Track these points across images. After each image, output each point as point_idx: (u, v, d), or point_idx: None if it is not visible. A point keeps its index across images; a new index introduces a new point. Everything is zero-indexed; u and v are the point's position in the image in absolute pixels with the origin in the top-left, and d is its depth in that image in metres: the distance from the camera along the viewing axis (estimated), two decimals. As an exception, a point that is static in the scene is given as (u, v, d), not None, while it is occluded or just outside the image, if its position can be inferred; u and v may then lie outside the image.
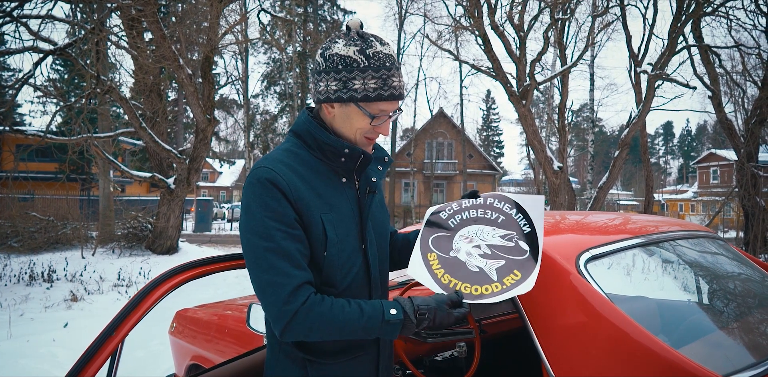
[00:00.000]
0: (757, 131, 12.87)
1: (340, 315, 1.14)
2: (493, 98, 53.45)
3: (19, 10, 8.78)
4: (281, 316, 1.12)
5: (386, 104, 1.23)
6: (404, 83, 1.29)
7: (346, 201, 1.27)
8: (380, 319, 1.15)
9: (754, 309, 1.82)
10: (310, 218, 1.19)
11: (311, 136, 1.26)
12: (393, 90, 1.22)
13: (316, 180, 1.24)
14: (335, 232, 1.22)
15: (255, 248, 1.16)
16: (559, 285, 1.33)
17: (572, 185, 14.41)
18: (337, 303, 1.16)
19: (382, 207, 1.43)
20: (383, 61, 1.21)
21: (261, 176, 1.18)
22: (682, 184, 59.17)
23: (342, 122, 1.27)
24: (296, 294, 1.13)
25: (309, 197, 1.20)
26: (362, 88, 1.20)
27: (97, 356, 1.20)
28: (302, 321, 1.12)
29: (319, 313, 1.13)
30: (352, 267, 1.25)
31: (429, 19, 16.75)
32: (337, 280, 1.23)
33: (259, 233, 1.16)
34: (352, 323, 1.14)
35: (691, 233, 1.87)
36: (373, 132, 1.28)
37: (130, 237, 11.94)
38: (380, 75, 1.20)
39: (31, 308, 6.39)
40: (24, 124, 30.98)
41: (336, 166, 1.28)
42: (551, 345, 1.26)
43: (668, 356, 1.11)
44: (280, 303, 1.12)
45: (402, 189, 32.65)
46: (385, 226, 1.40)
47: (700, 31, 13.22)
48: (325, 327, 1.14)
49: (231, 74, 27.36)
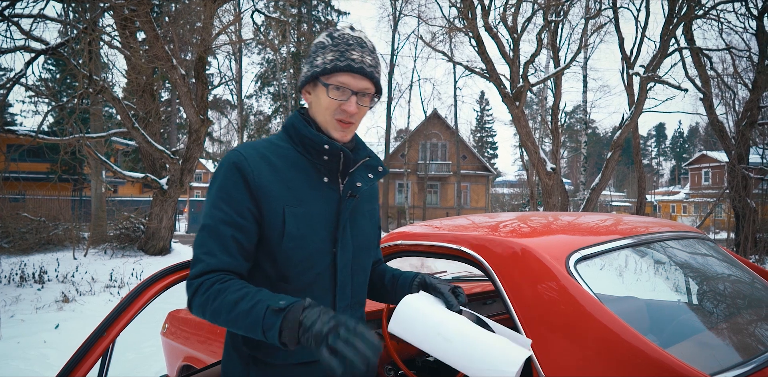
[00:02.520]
0: (747, 133, 12.98)
1: (235, 293, 1.08)
2: (487, 100, 53.57)
3: (10, 10, 8.71)
4: (188, 288, 1.14)
5: (344, 75, 1.21)
6: (371, 62, 1.24)
7: (321, 200, 1.24)
8: (266, 304, 1.04)
9: (742, 309, 1.84)
10: (270, 208, 1.18)
11: (295, 129, 1.27)
12: (351, 62, 1.20)
13: (290, 173, 1.23)
14: (297, 226, 1.19)
15: (201, 225, 1.19)
16: (548, 285, 1.34)
17: (565, 187, 14.48)
18: (241, 284, 1.11)
19: (371, 219, 1.37)
20: (346, 39, 1.23)
21: (230, 160, 1.20)
22: (674, 185, 59.52)
23: (315, 106, 1.27)
24: (210, 273, 1.13)
25: (273, 187, 1.19)
26: (321, 62, 1.22)
27: (88, 357, 1.20)
28: (201, 295, 1.11)
29: (216, 290, 1.10)
30: (313, 266, 1.21)
31: (423, 20, 16.77)
32: (292, 276, 1.20)
33: (206, 212, 1.19)
34: (242, 304, 1.06)
35: (681, 234, 1.89)
36: (340, 111, 1.23)
37: (122, 238, 11.88)
38: (338, 49, 1.21)
39: (22, 309, 6.34)
40: (15, 124, 30.71)
41: (319, 164, 1.26)
42: (541, 345, 1.27)
43: (656, 356, 1.13)
44: (192, 276, 1.14)
45: (396, 190, 32.64)
46: (368, 238, 1.34)
47: (691, 34, 13.33)
48: (217, 305, 1.08)
49: (224, 75, 27.30)
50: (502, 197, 38.44)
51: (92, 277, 8.43)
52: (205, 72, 10.84)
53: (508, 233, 1.71)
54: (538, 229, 1.82)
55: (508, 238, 1.55)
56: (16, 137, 10.22)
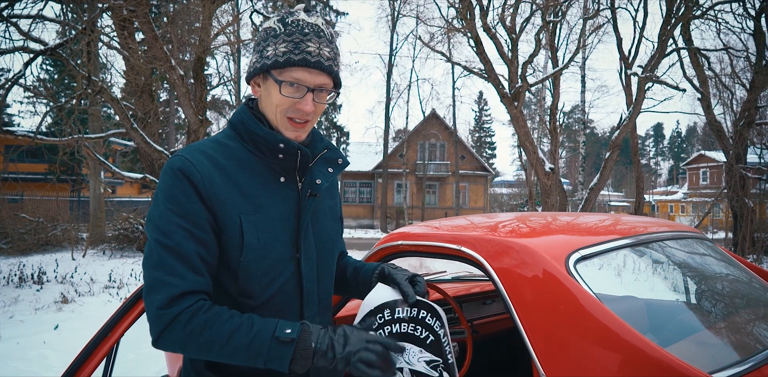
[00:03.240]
0: (745, 133, 13.02)
1: (227, 325, 0.98)
2: (486, 100, 53.59)
3: (9, 10, 8.71)
4: (158, 319, 0.98)
5: (299, 71, 1.08)
6: (329, 55, 1.11)
7: (280, 203, 1.13)
8: (270, 334, 0.97)
9: (740, 308, 1.85)
10: (226, 218, 1.06)
11: (244, 127, 1.14)
12: (306, 55, 1.07)
13: (243, 177, 1.10)
14: (257, 236, 1.07)
15: (153, 242, 1.03)
16: (549, 285, 1.35)
17: (563, 187, 14.49)
18: (227, 312, 1.01)
19: (333, 215, 1.28)
20: (301, 27, 1.09)
21: (174, 166, 1.06)
22: (672, 185, 59.65)
23: (265, 100, 1.14)
24: (184, 298, 0.99)
25: (227, 195, 1.07)
26: (273, 53, 1.09)
27: (93, 357, 1.21)
28: (181, 328, 0.97)
29: (202, 321, 0.98)
30: (276, 277, 1.10)
31: (421, 20, 16.78)
32: (256, 291, 1.09)
33: (159, 226, 1.03)
34: (239, 336, 0.97)
35: (679, 234, 1.90)
36: (294, 109, 1.11)
37: (121, 239, 11.88)
38: (292, 39, 1.08)
39: (21, 310, 6.33)
40: (13, 124, 30.69)
41: (273, 163, 1.14)
42: (542, 344, 1.28)
43: (656, 355, 1.13)
44: (161, 305, 0.98)
45: (394, 190, 32.66)
46: (331, 237, 1.24)
47: (689, 34, 13.36)
48: (206, 339, 0.97)
49: (223, 75, 27.28)
50: (500, 198, 38.51)
51: (91, 278, 8.43)
52: (203, 72, 10.84)
53: (507, 233, 1.72)
54: (537, 229, 1.84)
55: (508, 238, 1.56)
56: (15, 138, 10.20)
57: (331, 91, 1.15)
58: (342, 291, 1.39)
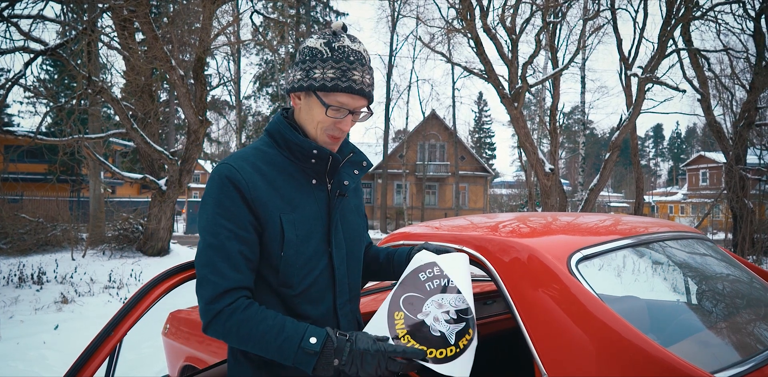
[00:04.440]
0: (745, 134, 13.03)
1: (260, 326, 1.11)
2: (485, 100, 53.61)
3: (9, 10, 8.71)
4: (205, 313, 1.13)
5: (344, 96, 1.22)
6: (369, 81, 1.26)
7: (313, 203, 1.26)
8: (297, 344, 1.09)
9: (741, 308, 1.85)
10: (268, 218, 1.18)
11: (281, 135, 1.27)
12: (352, 83, 1.21)
13: (280, 180, 1.23)
14: (295, 233, 1.21)
15: (202, 242, 1.17)
16: (551, 285, 1.35)
17: (563, 187, 14.50)
18: (261, 313, 1.13)
19: (359, 213, 1.42)
20: (347, 54, 1.21)
21: (222, 173, 1.18)
22: (672, 186, 59.63)
23: (305, 114, 1.26)
24: (225, 295, 1.12)
25: (268, 197, 1.19)
26: (321, 77, 1.21)
27: (96, 356, 1.21)
28: (222, 324, 1.11)
29: (239, 319, 1.11)
30: (312, 270, 1.24)
31: (421, 21, 16.77)
32: (295, 282, 1.22)
33: (207, 228, 1.17)
34: (269, 339, 1.11)
35: (680, 235, 1.90)
36: (334, 128, 1.25)
37: (120, 239, 11.87)
38: (340, 66, 1.20)
39: (21, 310, 6.33)
40: (13, 124, 30.69)
41: (306, 167, 1.27)
42: (544, 344, 1.28)
43: (658, 354, 1.14)
44: (206, 300, 1.12)
45: (394, 191, 32.65)
46: (358, 231, 1.38)
47: (689, 35, 13.37)
48: (242, 336, 1.11)
49: (223, 75, 27.29)
50: (500, 198, 38.50)
51: (91, 278, 8.43)
52: (203, 73, 10.84)
53: (509, 233, 1.72)
54: (538, 229, 1.84)
55: (509, 238, 1.56)
56: (15, 138, 10.21)
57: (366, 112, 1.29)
58: (375, 276, 1.52)
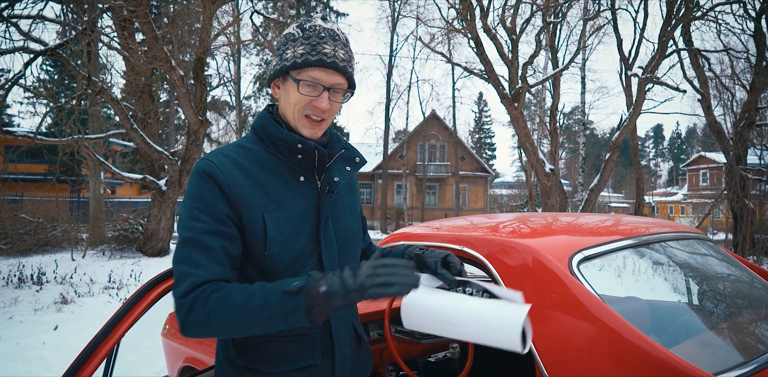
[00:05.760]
0: (745, 134, 13.02)
1: (239, 294, 1.02)
2: (485, 101, 53.59)
3: (9, 10, 8.71)
4: (181, 307, 1.04)
5: (316, 70, 1.16)
6: (344, 57, 1.19)
7: (301, 200, 1.21)
8: (280, 291, 1.01)
9: (743, 309, 1.85)
10: (249, 215, 1.14)
11: (265, 131, 1.22)
12: (323, 56, 1.16)
13: (265, 177, 1.19)
14: (279, 231, 1.15)
15: (180, 238, 1.11)
16: (552, 285, 1.34)
17: (563, 188, 14.49)
18: (238, 285, 1.06)
19: (352, 211, 1.35)
20: (318, 31, 1.18)
21: (200, 169, 1.14)
22: (672, 186, 59.63)
23: (284, 101, 1.22)
24: (203, 286, 1.05)
25: (250, 194, 1.15)
26: (292, 55, 1.18)
27: (93, 357, 1.20)
28: (200, 308, 1.02)
29: (217, 297, 1.03)
30: (300, 270, 1.17)
31: (422, 21, 16.77)
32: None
33: (186, 224, 1.11)
34: (252, 302, 1.01)
35: (681, 235, 1.89)
36: (311, 107, 1.19)
37: (120, 239, 11.87)
38: (309, 42, 1.17)
39: (21, 310, 6.32)
40: (13, 125, 30.70)
41: (292, 163, 1.22)
42: (545, 345, 1.27)
43: (660, 355, 1.13)
44: (180, 293, 1.04)
45: (394, 191, 32.65)
46: (352, 232, 1.31)
47: (689, 35, 13.37)
48: (225, 312, 1.01)
49: (223, 76, 27.31)
50: (500, 198, 38.49)
51: (91, 278, 8.42)
52: (203, 73, 10.84)
53: (509, 233, 1.71)
54: (539, 230, 1.83)
55: (510, 238, 1.55)
56: (15, 138, 10.21)
57: (346, 91, 1.23)
58: None
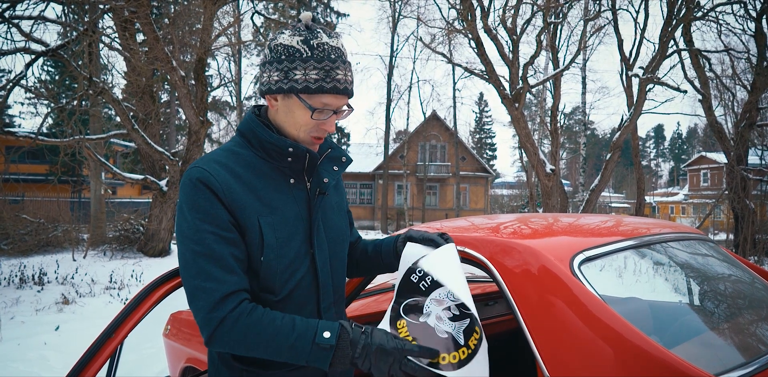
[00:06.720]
0: (746, 134, 13.01)
1: (269, 328, 1.05)
2: (486, 101, 53.59)
3: (10, 11, 8.72)
4: (207, 323, 1.05)
5: (329, 97, 1.16)
6: (351, 79, 1.20)
7: (292, 203, 1.21)
8: (311, 340, 1.05)
9: (744, 309, 1.85)
10: (246, 221, 1.13)
11: (254, 135, 1.20)
12: (336, 83, 1.15)
13: (256, 181, 1.17)
14: (275, 235, 1.15)
15: (186, 252, 1.10)
16: (553, 286, 1.34)
17: (564, 188, 14.50)
18: (268, 315, 1.07)
19: (340, 211, 1.35)
20: (328, 52, 1.15)
21: (193, 177, 1.12)
22: (673, 186, 59.59)
23: (285, 116, 1.20)
24: (226, 300, 1.06)
25: (245, 199, 1.13)
26: (303, 78, 1.14)
27: (97, 357, 1.20)
28: (228, 331, 1.05)
29: (246, 324, 1.05)
30: (294, 273, 1.18)
31: (422, 22, 16.77)
32: (277, 287, 1.16)
33: (190, 236, 1.09)
34: (280, 339, 1.05)
35: (682, 235, 1.89)
36: (318, 129, 1.20)
37: (121, 240, 11.88)
38: (323, 66, 1.14)
39: (22, 311, 6.33)
40: (14, 125, 30.71)
41: (282, 166, 1.21)
42: (546, 345, 1.28)
43: (661, 356, 1.13)
44: (206, 310, 1.05)
45: (395, 191, 32.64)
46: (341, 230, 1.32)
47: (690, 36, 13.37)
48: (252, 341, 1.05)
49: (224, 76, 27.33)
50: (501, 199, 38.48)
51: (92, 279, 8.43)
52: (204, 73, 10.85)
53: (510, 234, 1.72)
54: (540, 230, 1.83)
55: (511, 239, 1.55)
56: (16, 139, 10.23)
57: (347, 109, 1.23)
58: (366, 271, 1.47)
